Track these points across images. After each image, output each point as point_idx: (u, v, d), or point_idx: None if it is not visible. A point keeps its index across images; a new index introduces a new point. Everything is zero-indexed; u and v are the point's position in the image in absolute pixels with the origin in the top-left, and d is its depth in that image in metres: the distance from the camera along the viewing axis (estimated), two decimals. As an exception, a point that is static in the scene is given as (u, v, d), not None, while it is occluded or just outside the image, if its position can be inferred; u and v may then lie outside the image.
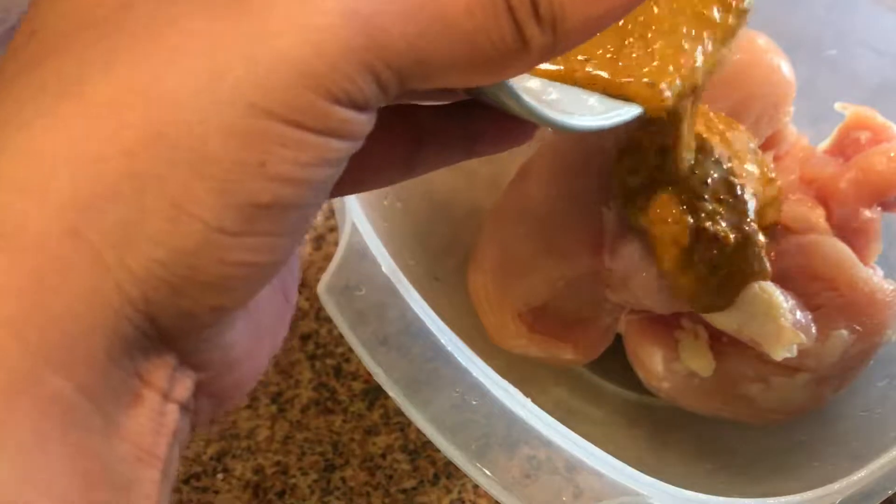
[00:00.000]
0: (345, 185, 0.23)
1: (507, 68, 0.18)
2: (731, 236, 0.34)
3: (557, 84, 0.24)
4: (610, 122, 0.24)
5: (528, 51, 0.17)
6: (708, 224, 0.34)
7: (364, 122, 0.17)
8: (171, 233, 0.16)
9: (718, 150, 0.35)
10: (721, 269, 0.34)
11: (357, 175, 0.23)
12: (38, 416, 0.15)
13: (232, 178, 0.16)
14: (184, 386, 0.18)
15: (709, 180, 0.34)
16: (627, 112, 0.25)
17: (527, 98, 0.20)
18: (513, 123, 0.23)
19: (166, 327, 0.17)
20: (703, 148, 0.35)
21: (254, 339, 0.20)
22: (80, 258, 0.15)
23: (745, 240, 0.34)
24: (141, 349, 0.17)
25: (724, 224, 0.34)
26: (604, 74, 0.25)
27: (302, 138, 0.16)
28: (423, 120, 0.23)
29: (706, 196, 0.34)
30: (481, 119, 0.23)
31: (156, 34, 0.16)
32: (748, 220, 0.34)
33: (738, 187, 0.35)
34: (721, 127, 0.36)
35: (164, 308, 0.16)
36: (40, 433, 0.15)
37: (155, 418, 0.17)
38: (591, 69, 0.25)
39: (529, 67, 0.18)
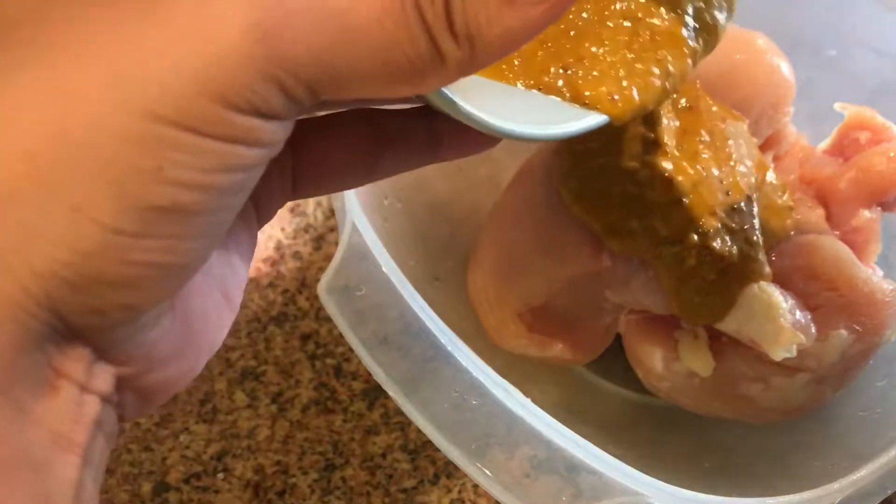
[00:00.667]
0: (305, 187, 0.23)
1: (424, 81, 0.18)
2: (735, 252, 0.34)
3: (516, 89, 0.24)
4: (566, 131, 0.23)
5: (445, 65, 0.17)
6: (713, 244, 0.34)
7: (274, 130, 0.17)
8: (70, 235, 0.16)
9: (719, 162, 0.35)
10: (721, 285, 0.34)
11: (317, 177, 0.23)
12: None
13: (129, 182, 0.16)
14: (102, 379, 0.18)
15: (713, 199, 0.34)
16: (591, 121, 0.24)
17: (465, 106, 0.19)
18: (470, 130, 0.23)
19: (76, 324, 0.17)
20: (701, 160, 0.35)
21: (182, 338, 0.20)
22: None
23: (747, 256, 0.34)
24: (53, 343, 0.17)
25: (728, 243, 0.34)
26: (568, 82, 0.24)
27: (201, 145, 0.16)
28: (385, 123, 0.23)
29: (710, 216, 0.34)
30: (444, 123, 0.23)
31: (67, 36, 0.16)
32: (753, 237, 0.34)
33: (743, 204, 0.34)
34: (718, 123, 0.36)
35: (69, 305, 0.17)
36: None
37: (72, 407, 0.18)
38: (555, 77, 0.24)
39: (450, 80, 0.18)
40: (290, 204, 0.51)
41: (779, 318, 0.33)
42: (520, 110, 0.23)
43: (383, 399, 0.44)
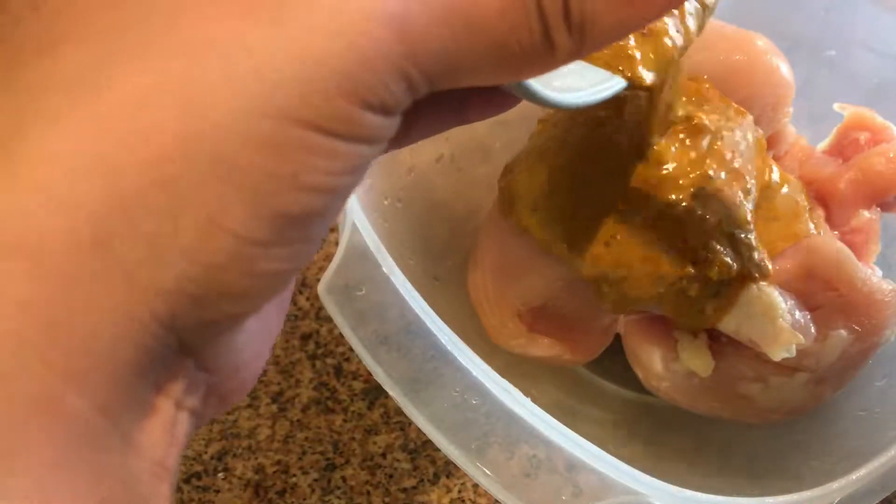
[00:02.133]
0: None
1: (530, 69, 0.18)
2: (734, 267, 0.34)
3: None
4: (594, 98, 0.24)
5: (553, 54, 0.17)
6: (711, 262, 0.34)
7: (391, 126, 0.17)
8: (203, 247, 0.15)
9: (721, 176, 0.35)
10: (720, 296, 0.34)
11: None
12: (60, 438, 0.14)
13: (264, 190, 0.15)
14: (196, 393, 0.18)
15: (709, 217, 0.34)
16: (613, 86, 0.25)
17: (537, 87, 0.20)
18: (498, 92, 0.22)
19: (188, 338, 0.16)
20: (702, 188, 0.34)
21: (261, 340, 0.20)
22: (108, 272, 0.14)
23: (746, 259, 0.34)
24: (163, 361, 0.16)
25: (728, 260, 0.34)
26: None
27: (334, 147, 0.16)
28: None
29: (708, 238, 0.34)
30: (470, 89, 0.23)
31: (184, 25, 0.15)
32: (752, 252, 0.34)
33: (744, 228, 0.34)
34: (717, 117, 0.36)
35: (189, 321, 0.16)
36: (61, 454, 0.14)
37: (168, 429, 0.17)
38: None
39: (552, 69, 0.18)
40: (290, 204, 0.51)
41: (778, 318, 0.33)
42: (554, 76, 0.23)
43: (383, 399, 0.44)
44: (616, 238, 0.34)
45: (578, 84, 0.24)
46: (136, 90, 0.15)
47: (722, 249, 0.34)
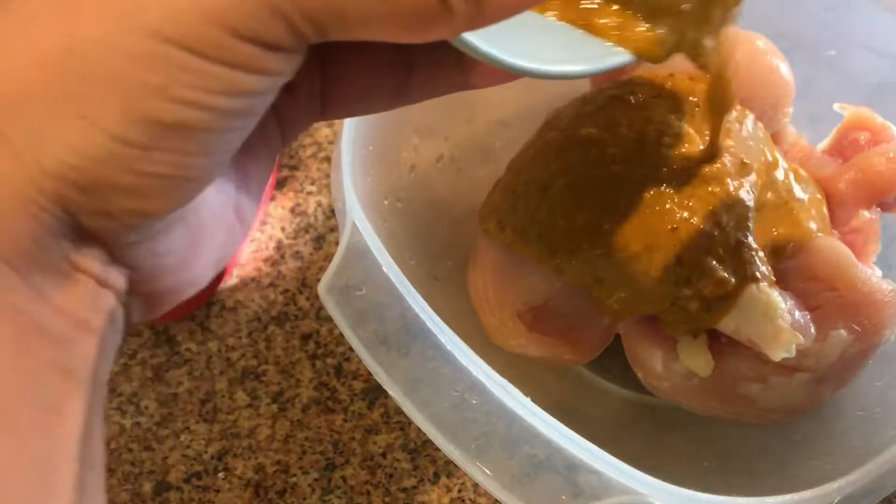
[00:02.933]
0: (333, 108, 0.24)
1: (431, 30, 0.18)
2: (732, 282, 0.34)
3: (549, 22, 0.23)
4: (592, 68, 0.23)
5: (451, 18, 0.18)
6: (711, 291, 0.34)
7: (280, 61, 0.18)
8: (78, 140, 0.17)
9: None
10: (717, 307, 0.34)
11: (345, 98, 0.24)
12: None
13: (135, 96, 0.17)
14: (117, 278, 0.20)
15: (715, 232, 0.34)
16: (617, 59, 0.24)
17: (485, 47, 0.20)
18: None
19: (89, 225, 0.19)
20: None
21: (190, 249, 0.22)
22: (0, 152, 0.17)
23: (745, 261, 0.34)
24: (69, 239, 0.19)
25: (724, 275, 0.34)
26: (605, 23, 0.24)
27: (205, 68, 0.17)
28: (415, 46, 0.23)
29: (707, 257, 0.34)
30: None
31: None
32: (754, 265, 0.34)
33: (745, 236, 0.34)
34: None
35: (79, 205, 0.18)
36: None
37: (91, 298, 0.19)
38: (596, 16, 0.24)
39: (456, 33, 0.19)
40: (290, 204, 0.51)
41: (777, 318, 0.33)
42: (545, 46, 0.22)
43: (383, 399, 0.44)
44: (601, 258, 0.35)
45: (573, 55, 0.22)
46: (31, 8, 0.18)
47: (717, 265, 0.34)
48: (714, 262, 0.34)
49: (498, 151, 0.44)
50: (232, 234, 0.23)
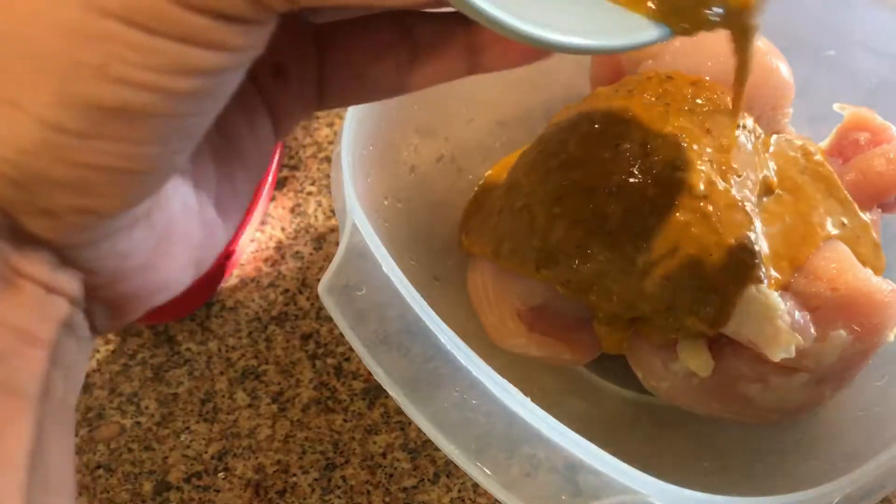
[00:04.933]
0: (332, 97, 0.22)
1: None
2: (707, 330, 0.34)
3: None
4: (615, 44, 0.20)
5: None
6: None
7: (240, 33, 0.16)
8: (7, 130, 0.15)
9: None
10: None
11: (345, 86, 0.22)
12: None
13: (70, 78, 0.15)
14: (69, 283, 0.18)
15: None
16: (645, 36, 0.20)
17: (493, 10, 0.17)
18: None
19: (30, 226, 0.17)
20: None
21: (156, 250, 0.19)
22: None
23: (745, 262, 0.34)
24: (8, 242, 0.16)
25: (696, 320, 0.34)
26: None
27: (151, 43, 0.15)
28: (419, 28, 0.21)
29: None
30: (483, 30, 0.20)
31: None
32: (752, 244, 0.34)
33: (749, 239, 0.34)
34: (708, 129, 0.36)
35: (16, 204, 0.16)
36: None
37: (36, 306, 0.17)
38: None
39: None
40: (290, 204, 0.51)
41: (777, 319, 0.33)
42: (563, 14, 0.19)
43: (383, 398, 0.44)
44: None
45: (595, 27, 0.20)
46: None
47: (701, 302, 0.34)
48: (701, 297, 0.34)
49: (498, 151, 0.44)
50: (212, 234, 0.21)
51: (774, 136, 0.38)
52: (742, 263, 0.34)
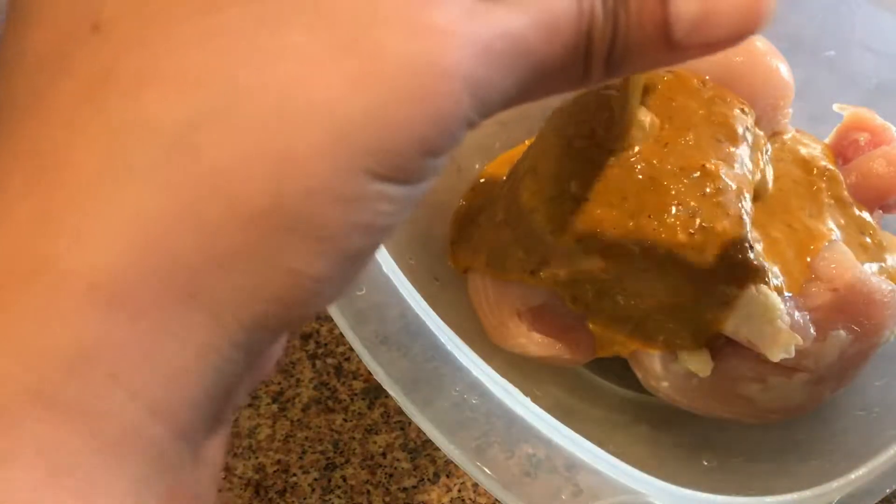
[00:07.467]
0: None
1: (559, 90, 0.19)
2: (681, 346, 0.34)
3: None
4: None
5: (587, 83, 0.18)
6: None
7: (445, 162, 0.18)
8: (287, 294, 0.16)
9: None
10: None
11: None
12: (134, 467, 0.15)
13: (340, 238, 0.16)
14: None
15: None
16: None
17: None
18: None
19: (254, 357, 0.17)
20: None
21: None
22: (198, 315, 0.15)
23: (745, 262, 0.34)
24: (235, 379, 0.17)
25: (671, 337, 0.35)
26: None
27: (403, 193, 0.17)
28: None
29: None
30: None
31: (268, 62, 0.15)
32: (750, 244, 0.34)
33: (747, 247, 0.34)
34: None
35: (263, 345, 0.17)
36: (133, 485, 0.15)
37: (227, 436, 0.18)
38: None
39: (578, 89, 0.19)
40: (290, 204, 0.51)
41: (776, 319, 0.33)
42: None
43: (383, 398, 0.44)
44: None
45: None
46: (226, 156, 0.15)
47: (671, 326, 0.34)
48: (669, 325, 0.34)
49: (498, 151, 0.44)
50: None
51: (786, 135, 0.39)
52: (740, 265, 0.34)
